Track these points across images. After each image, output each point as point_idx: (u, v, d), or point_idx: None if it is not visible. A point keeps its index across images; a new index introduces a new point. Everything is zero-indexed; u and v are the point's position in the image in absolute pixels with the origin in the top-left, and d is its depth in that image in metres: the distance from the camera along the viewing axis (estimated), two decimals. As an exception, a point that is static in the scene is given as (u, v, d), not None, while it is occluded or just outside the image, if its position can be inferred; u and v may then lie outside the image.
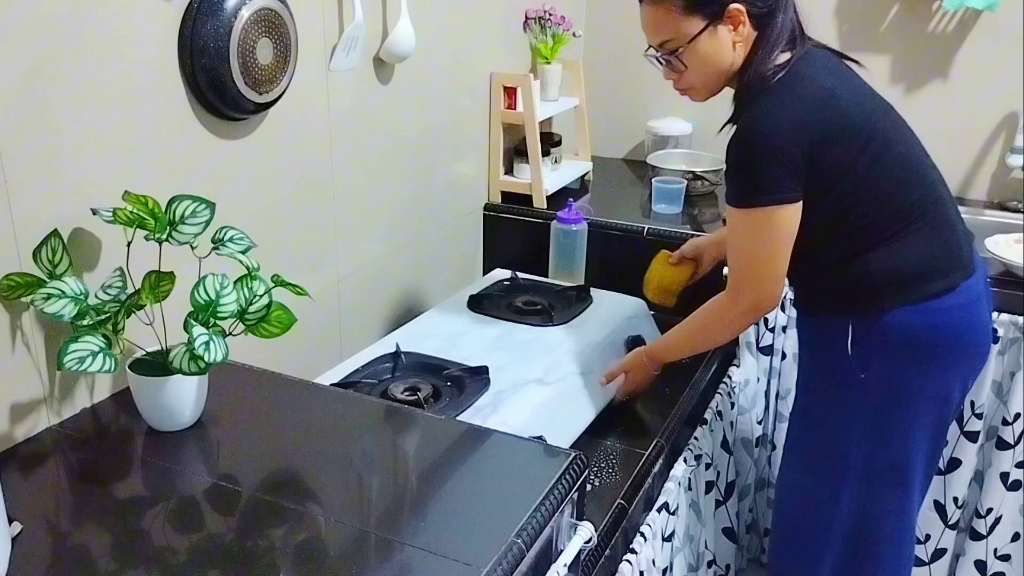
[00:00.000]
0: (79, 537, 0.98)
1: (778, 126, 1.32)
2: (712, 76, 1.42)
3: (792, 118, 1.32)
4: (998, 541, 1.97)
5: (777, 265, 1.38)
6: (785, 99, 1.34)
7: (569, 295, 1.89)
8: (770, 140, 1.31)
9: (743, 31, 1.37)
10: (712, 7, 1.36)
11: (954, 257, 1.41)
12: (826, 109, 1.33)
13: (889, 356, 1.40)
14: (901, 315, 1.38)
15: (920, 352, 1.40)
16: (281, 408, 1.26)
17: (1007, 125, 2.33)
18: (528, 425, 1.39)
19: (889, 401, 1.43)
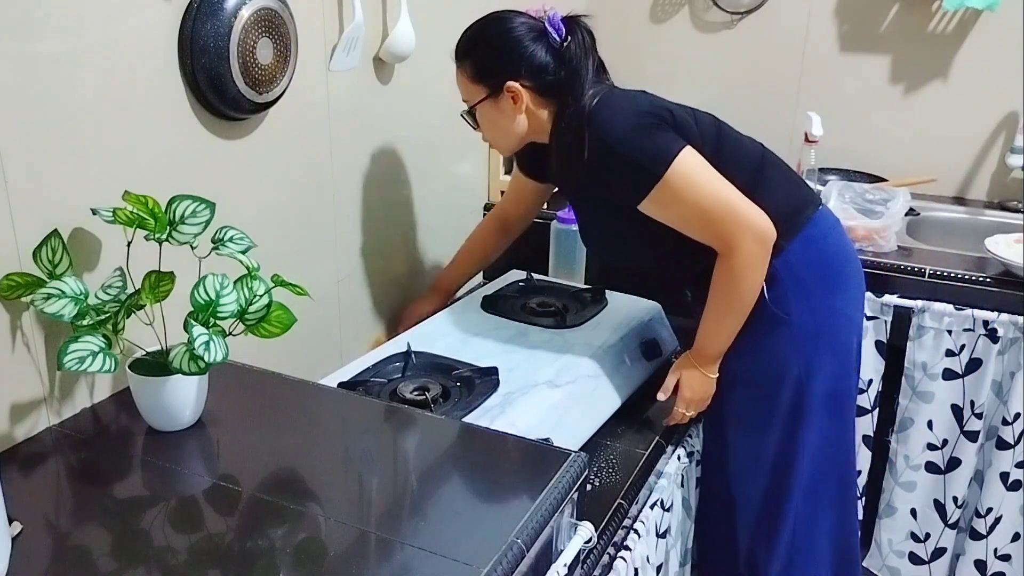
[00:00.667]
0: (79, 537, 0.98)
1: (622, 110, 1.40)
2: (502, 137, 1.55)
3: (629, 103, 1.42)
4: (998, 541, 1.97)
5: (733, 194, 1.39)
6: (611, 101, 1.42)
7: (584, 297, 1.89)
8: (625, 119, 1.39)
9: (522, 105, 1.46)
10: (490, 81, 1.47)
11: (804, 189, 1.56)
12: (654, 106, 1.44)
13: (801, 288, 1.49)
14: (793, 250, 1.47)
15: (824, 276, 1.52)
16: (281, 408, 1.26)
17: (1007, 125, 2.33)
18: (536, 427, 1.39)
19: (819, 329, 1.52)
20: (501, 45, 1.47)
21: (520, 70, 1.45)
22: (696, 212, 1.40)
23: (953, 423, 1.94)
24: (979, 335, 1.86)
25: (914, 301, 1.90)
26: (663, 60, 2.63)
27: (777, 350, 1.53)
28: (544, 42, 1.45)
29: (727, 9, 2.51)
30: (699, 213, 1.40)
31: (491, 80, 1.47)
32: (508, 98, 1.46)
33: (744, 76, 2.54)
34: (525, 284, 1.97)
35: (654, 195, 1.38)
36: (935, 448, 1.97)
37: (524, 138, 1.53)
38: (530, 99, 1.46)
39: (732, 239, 1.39)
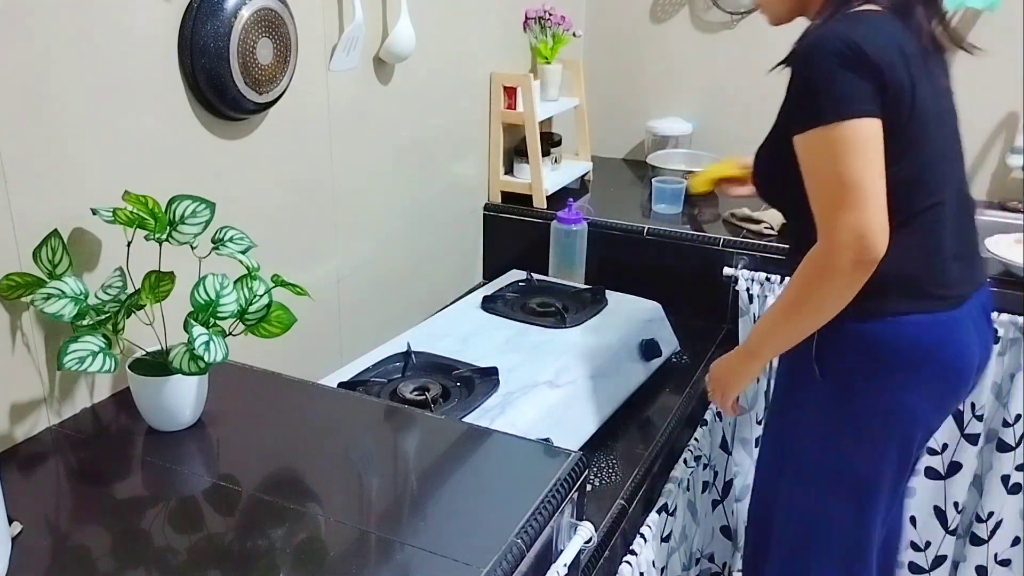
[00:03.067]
0: (79, 537, 0.98)
1: (840, 34, 1.20)
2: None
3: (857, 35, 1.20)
4: (999, 546, 1.97)
5: (873, 183, 1.18)
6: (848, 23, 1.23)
7: (584, 297, 1.89)
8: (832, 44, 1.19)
9: None
10: None
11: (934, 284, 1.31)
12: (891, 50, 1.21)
13: (842, 362, 1.34)
14: (862, 328, 1.30)
15: (873, 364, 1.32)
16: (281, 408, 1.26)
17: (1007, 125, 2.33)
18: (536, 427, 1.39)
19: (842, 409, 1.36)
20: None
21: None
22: (820, 181, 1.22)
23: (953, 426, 1.93)
24: (979, 335, 1.86)
25: (914, 301, 1.90)
26: (663, 60, 2.62)
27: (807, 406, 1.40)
28: None
29: (727, 9, 2.51)
30: (822, 183, 1.21)
31: None
32: None
33: (744, 76, 2.54)
34: (525, 284, 1.97)
35: (807, 137, 1.22)
36: (935, 453, 1.97)
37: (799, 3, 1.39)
38: None
39: (835, 230, 1.20)
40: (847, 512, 1.42)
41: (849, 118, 1.18)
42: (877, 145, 1.19)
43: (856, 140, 1.18)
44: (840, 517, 1.43)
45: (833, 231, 1.21)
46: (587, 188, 2.46)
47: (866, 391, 1.35)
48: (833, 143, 1.19)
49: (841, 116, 1.18)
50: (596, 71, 2.64)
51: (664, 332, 1.84)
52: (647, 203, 2.27)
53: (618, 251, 2.10)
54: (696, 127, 2.56)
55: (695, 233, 2.05)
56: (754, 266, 1.97)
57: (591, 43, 2.67)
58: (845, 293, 1.24)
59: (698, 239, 2.03)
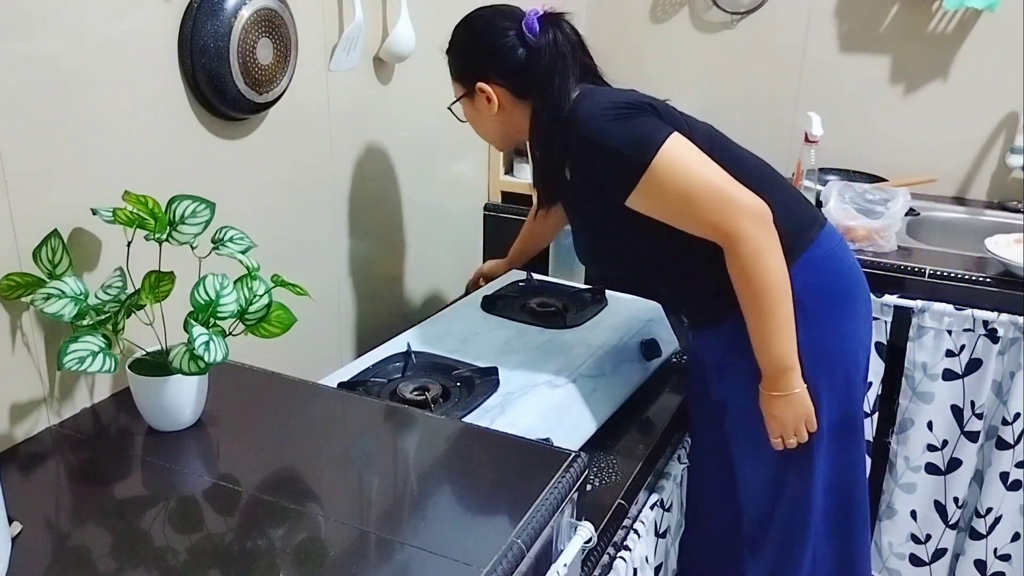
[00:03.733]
0: (79, 537, 0.98)
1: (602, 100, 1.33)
2: (485, 134, 1.53)
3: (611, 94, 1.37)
4: (998, 541, 1.97)
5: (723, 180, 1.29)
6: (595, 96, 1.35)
7: (584, 297, 1.89)
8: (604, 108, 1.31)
9: (495, 105, 1.43)
10: (464, 80, 1.46)
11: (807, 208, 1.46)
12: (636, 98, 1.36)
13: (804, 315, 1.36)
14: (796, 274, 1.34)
15: (829, 300, 1.41)
16: (281, 408, 1.26)
17: (1007, 125, 2.33)
18: (536, 427, 1.39)
19: (825, 357, 1.41)
20: (470, 45, 1.45)
21: (490, 70, 1.42)
22: (687, 201, 1.29)
23: (953, 424, 1.94)
24: (979, 335, 1.86)
25: (914, 301, 1.90)
26: (663, 60, 2.62)
27: None
28: (520, 40, 1.39)
29: (727, 9, 2.51)
30: (690, 202, 1.29)
31: (465, 80, 1.46)
32: (482, 98, 1.43)
33: (744, 76, 2.54)
34: (525, 284, 1.97)
35: (642, 186, 1.29)
36: (935, 449, 1.97)
37: (510, 136, 1.50)
38: (505, 99, 1.42)
39: (729, 225, 1.28)
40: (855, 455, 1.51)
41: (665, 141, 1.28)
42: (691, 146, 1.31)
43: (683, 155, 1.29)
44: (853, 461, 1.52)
45: (732, 227, 1.29)
46: (587, 188, 2.46)
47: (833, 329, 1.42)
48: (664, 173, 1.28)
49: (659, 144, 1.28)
50: (596, 71, 2.63)
51: (664, 332, 1.83)
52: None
53: (618, 251, 2.09)
54: (696, 127, 2.56)
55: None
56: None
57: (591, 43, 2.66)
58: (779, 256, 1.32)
59: (698, 239, 2.02)
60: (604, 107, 1.32)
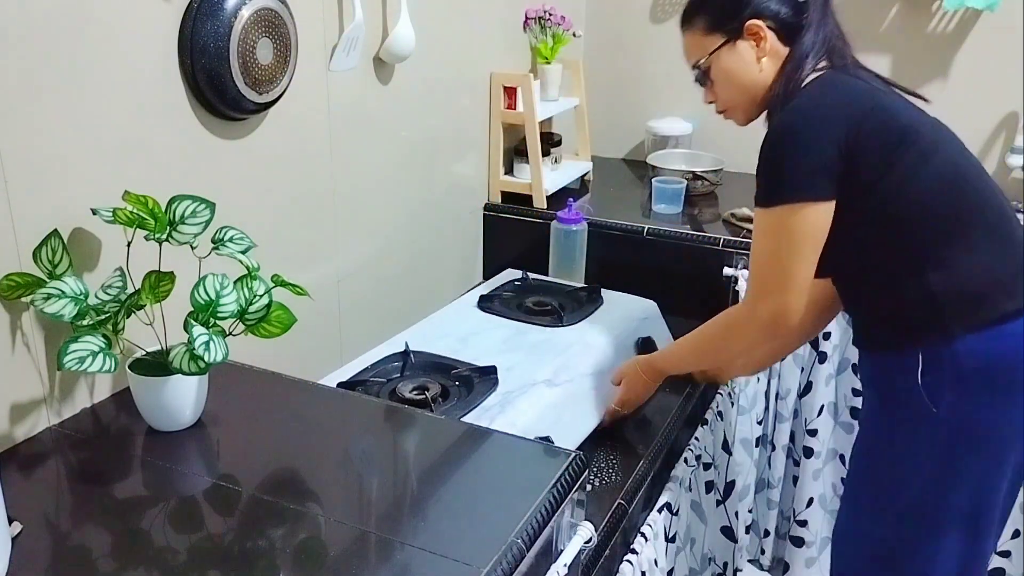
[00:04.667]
0: (79, 537, 0.98)
1: (808, 117, 1.27)
2: (739, 93, 1.41)
3: (825, 109, 1.27)
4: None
5: (800, 271, 1.28)
6: (817, 95, 1.30)
7: (580, 295, 1.89)
8: (798, 131, 1.26)
9: (766, 46, 1.36)
10: (730, 24, 1.37)
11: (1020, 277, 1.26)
12: (864, 98, 1.28)
13: (962, 387, 1.25)
14: (973, 341, 1.23)
15: (996, 382, 1.24)
16: (281, 408, 1.26)
17: (1007, 125, 2.33)
18: (535, 426, 1.39)
19: (962, 438, 1.27)
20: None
21: (761, 8, 1.35)
22: (761, 253, 1.32)
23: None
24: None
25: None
26: (663, 60, 2.62)
27: (913, 445, 1.30)
28: None
29: (727, 9, 2.51)
30: (761, 256, 1.32)
31: (730, 24, 1.37)
32: (750, 41, 1.36)
33: (744, 76, 2.54)
34: (521, 283, 1.97)
35: (760, 212, 1.31)
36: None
37: (765, 97, 1.39)
38: (773, 43, 1.36)
39: (758, 301, 1.33)
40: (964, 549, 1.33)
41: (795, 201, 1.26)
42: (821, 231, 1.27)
43: (798, 224, 1.26)
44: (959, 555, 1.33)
45: (756, 305, 1.33)
46: (587, 188, 2.46)
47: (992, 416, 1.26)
48: (778, 223, 1.28)
49: (791, 199, 1.26)
50: (596, 71, 2.64)
51: (660, 329, 1.84)
52: (647, 203, 2.27)
53: (618, 251, 2.09)
54: (696, 127, 2.56)
55: (695, 233, 2.05)
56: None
57: (591, 43, 2.67)
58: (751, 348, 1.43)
59: (698, 239, 2.03)
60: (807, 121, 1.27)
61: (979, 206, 1.28)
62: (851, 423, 2.01)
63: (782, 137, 1.28)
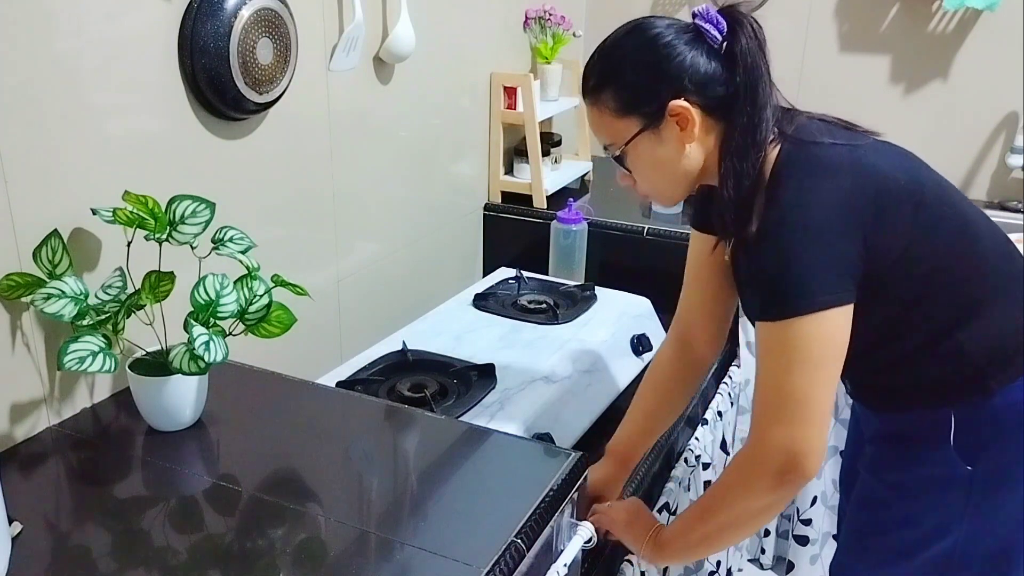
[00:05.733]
0: (79, 537, 0.98)
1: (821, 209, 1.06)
2: (663, 181, 1.18)
3: (832, 197, 1.06)
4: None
5: (822, 398, 1.06)
6: (808, 178, 1.08)
7: (574, 293, 1.90)
8: (812, 229, 1.05)
9: (693, 130, 1.11)
10: (647, 107, 1.12)
11: None
12: (862, 175, 1.08)
13: (1001, 442, 1.15)
14: (1010, 394, 1.13)
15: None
16: (281, 408, 1.26)
17: (1007, 125, 2.33)
18: (535, 423, 1.40)
19: (999, 490, 1.17)
20: (653, 58, 1.12)
21: (683, 84, 1.10)
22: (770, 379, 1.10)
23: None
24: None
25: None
26: (663, 60, 2.62)
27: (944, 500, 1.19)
28: (702, 45, 1.11)
29: (727, 9, 2.51)
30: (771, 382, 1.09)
31: (647, 106, 1.12)
32: (672, 124, 1.11)
33: (744, 76, 2.54)
34: (515, 281, 1.97)
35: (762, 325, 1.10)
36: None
37: (695, 177, 1.17)
38: (700, 121, 1.11)
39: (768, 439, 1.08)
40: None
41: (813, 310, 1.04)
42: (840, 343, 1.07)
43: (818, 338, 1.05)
44: None
45: (764, 441, 1.09)
46: (587, 188, 2.46)
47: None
48: (792, 339, 1.06)
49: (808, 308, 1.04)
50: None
51: (653, 326, 1.85)
52: (647, 203, 2.27)
53: (618, 251, 2.09)
54: (696, 127, 2.56)
55: (695, 233, 2.05)
56: (754, 266, 1.96)
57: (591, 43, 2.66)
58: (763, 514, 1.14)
59: (698, 239, 2.02)
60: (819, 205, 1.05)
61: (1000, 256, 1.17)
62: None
63: (793, 238, 1.05)
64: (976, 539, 1.20)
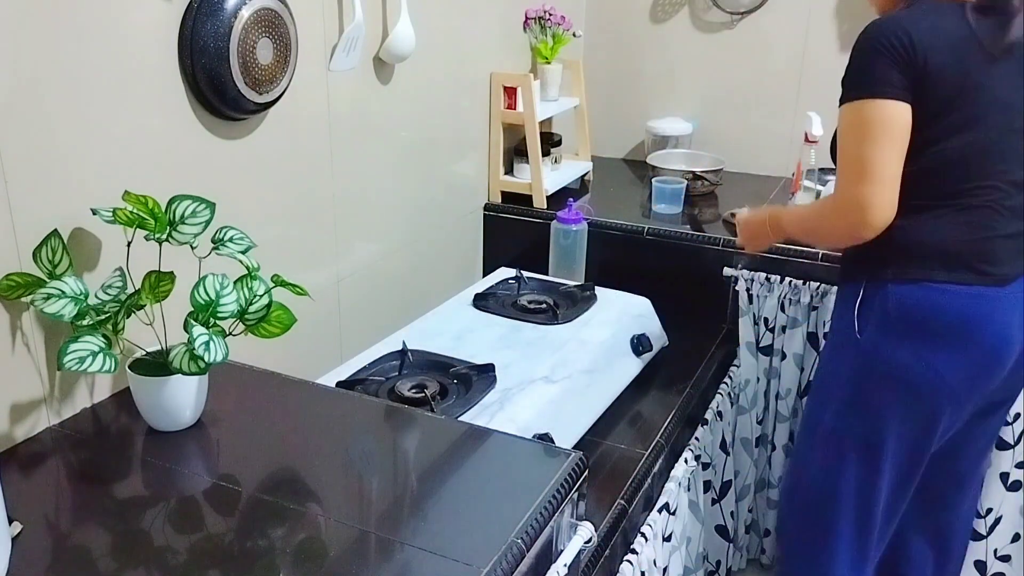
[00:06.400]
0: (79, 537, 0.98)
1: (896, 24, 1.32)
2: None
3: (910, 24, 1.32)
4: (998, 541, 1.97)
5: (880, 162, 1.32)
6: (909, 12, 1.35)
7: (574, 293, 1.90)
8: (882, 33, 1.32)
9: None
10: None
11: (978, 259, 1.37)
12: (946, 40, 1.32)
13: (882, 325, 1.41)
14: (902, 289, 1.39)
15: (912, 329, 1.39)
16: (281, 408, 1.26)
17: (1007, 125, 2.33)
18: (535, 422, 1.40)
19: (871, 368, 1.43)
20: None
21: None
22: (843, 149, 1.36)
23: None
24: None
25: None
26: (663, 60, 2.63)
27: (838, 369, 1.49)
28: None
29: (727, 9, 2.51)
30: (844, 152, 1.36)
31: None
32: None
33: (744, 76, 2.54)
34: (515, 281, 1.97)
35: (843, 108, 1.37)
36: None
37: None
38: None
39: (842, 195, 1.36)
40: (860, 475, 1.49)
41: (874, 98, 1.31)
42: (899, 128, 1.32)
43: (877, 121, 1.32)
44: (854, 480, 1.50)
45: (842, 197, 1.36)
46: (587, 188, 2.46)
47: (901, 357, 1.41)
48: (857, 118, 1.33)
49: (868, 95, 1.32)
50: (596, 71, 2.64)
51: (653, 327, 1.85)
52: (647, 203, 2.27)
53: (618, 251, 2.10)
54: (696, 127, 2.56)
55: (695, 233, 2.05)
56: (754, 266, 1.97)
57: (591, 43, 2.67)
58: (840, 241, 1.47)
59: (698, 239, 2.03)
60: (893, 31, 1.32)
61: (973, 188, 1.37)
62: (851, 423, 2.01)
63: (869, 33, 1.34)
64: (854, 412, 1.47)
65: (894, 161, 1.32)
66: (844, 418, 1.48)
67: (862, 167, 1.32)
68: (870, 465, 1.48)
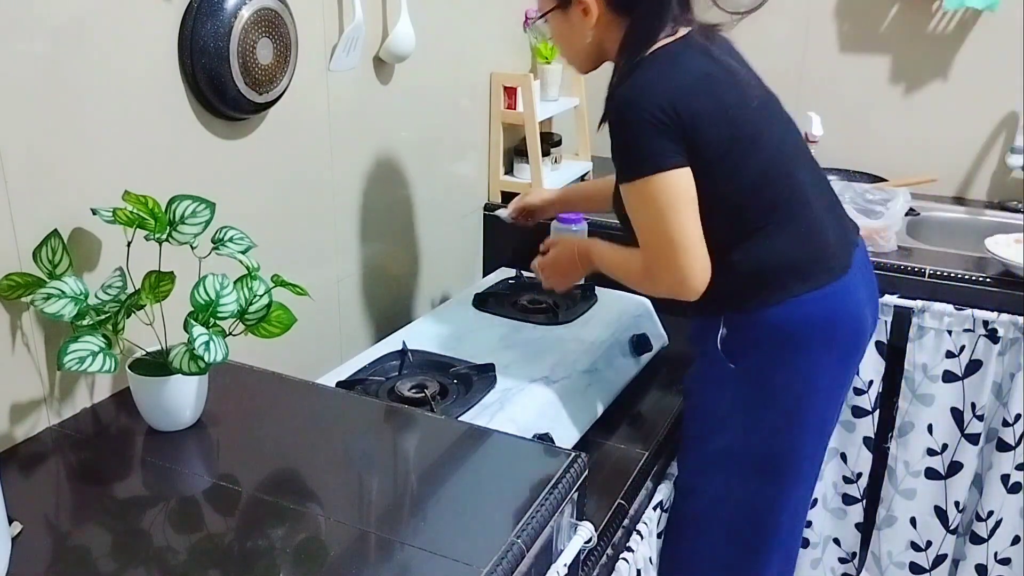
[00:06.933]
0: (79, 537, 0.98)
1: (647, 93, 1.29)
2: (573, 54, 1.47)
3: (661, 88, 1.30)
4: (999, 544, 1.97)
5: (685, 236, 1.30)
6: (653, 72, 1.32)
7: (574, 294, 1.90)
8: (641, 107, 1.28)
9: (590, 20, 1.37)
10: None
11: (819, 260, 1.39)
12: (698, 87, 1.31)
13: (757, 351, 1.40)
14: (765, 314, 1.38)
15: (785, 347, 1.39)
16: (281, 408, 1.26)
17: (1007, 125, 2.33)
18: (535, 422, 1.40)
19: (760, 393, 1.42)
20: None
21: None
22: (642, 229, 1.34)
23: (953, 427, 1.93)
24: (979, 335, 1.86)
25: (914, 301, 1.90)
26: (663, 60, 2.62)
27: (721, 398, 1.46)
28: None
29: (727, 9, 2.51)
30: (644, 231, 1.34)
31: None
32: (578, 10, 1.37)
33: (744, 76, 2.54)
34: (515, 281, 1.97)
35: (628, 187, 1.33)
36: (935, 453, 1.96)
37: (598, 56, 1.45)
38: (602, 14, 1.36)
39: (655, 271, 1.34)
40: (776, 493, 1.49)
41: (657, 172, 1.28)
42: (688, 192, 1.30)
43: (665, 194, 1.29)
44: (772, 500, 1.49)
45: (654, 268, 1.34)
46: (587, 188, 2.45)
47: (780, 374, 1.41)
48: (647, 196, 1.31)
49: (650, 171, 1.29)
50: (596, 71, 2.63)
51: (653, 326, 1.85)
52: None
53: (618, 251, 2.09)
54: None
55: (695, 233, 2.05)
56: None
57: (591, 43, 2.67)
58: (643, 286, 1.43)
59: (698, 239, 2.02)
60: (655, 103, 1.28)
61: (783, 198, 1.38)
62: (852, 421, 2.01)
63: (625, 110, 1.31)
64: (748, 438, 1.45)
65: (693, 224, 1.30)
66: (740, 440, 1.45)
67: (668, 241, 1.30)
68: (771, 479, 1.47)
